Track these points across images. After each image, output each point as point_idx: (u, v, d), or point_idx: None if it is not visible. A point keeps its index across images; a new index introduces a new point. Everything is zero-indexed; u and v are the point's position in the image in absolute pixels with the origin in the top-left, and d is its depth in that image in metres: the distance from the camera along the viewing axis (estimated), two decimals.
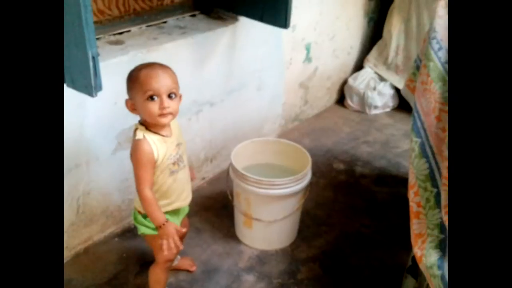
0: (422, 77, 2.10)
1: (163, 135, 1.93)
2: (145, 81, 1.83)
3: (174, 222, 2.01)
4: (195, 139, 2.97)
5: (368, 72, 4.18)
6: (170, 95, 1.86)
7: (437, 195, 1.75)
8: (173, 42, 2.63)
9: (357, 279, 2.51)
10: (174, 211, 2.09)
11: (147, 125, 1.92)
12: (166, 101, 1.84)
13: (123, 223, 2.78)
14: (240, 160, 2.63)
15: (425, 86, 2.04)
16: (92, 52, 1.76)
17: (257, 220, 2.56)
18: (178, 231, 1.96)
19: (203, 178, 3.21)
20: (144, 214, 2.03)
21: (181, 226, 2.11)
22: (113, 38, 2.59)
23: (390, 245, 2.72)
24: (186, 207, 2.19)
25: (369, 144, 3.73)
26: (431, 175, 1.82)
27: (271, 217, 2.54)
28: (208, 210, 2.95)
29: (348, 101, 4.21)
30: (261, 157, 2.80)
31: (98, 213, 2.62)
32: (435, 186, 1.78)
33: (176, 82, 1.90)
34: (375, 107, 4.13)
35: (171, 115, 1.88)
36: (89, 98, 1.91)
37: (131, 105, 1.91)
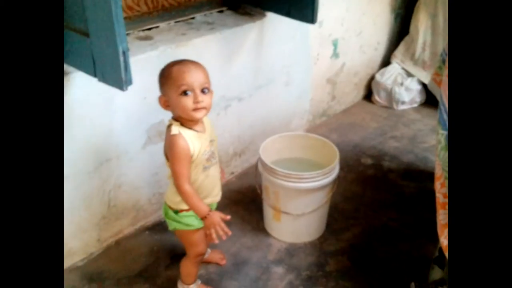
0: (448, 71, 2.10)
1: (197, 131, 1.94)
2: (178, 76, 1.84)
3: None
4: (223, 134, 3.00)
5: (395, 67, 4.17)
6: (203, 90, 1.87)
7: None
8: (202, 38, 2.65)
9: (384, 271, 2.52)
10: None
11: (181, 121, 1.93)
12: (200, 96, 1.85)
13: (153, 216, 2.82)
14: (268, 155, 2.64)
15: None
16: (123, 47, 1.78)
17: (285, 213, 2.58)
18: (222, 218, 1.97)
19: (232, 173, 3.24)
20: (176, 209, 2.05)
21: None
22: (142, 33, 2.63)
23: (417, 238, 2.72)
24: (214, 204, 2.20)
25: (397, 139, 3.73)
26: None
27: (300, 210, 2.56)
28: (237, 204, 2.98)
29: (376, 97, 4.21)
30: (289, 151, 2.82)
31: (129, 207, 2.66)
32: None
33: (208, 77, 1.91)
34: (403, 103, 4.12)
35: (205, 110, 1.89)
36: (118, 93, 1.95)
37: (164, 102, 1.92)
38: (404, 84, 4.07)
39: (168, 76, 1.87)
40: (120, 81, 1.85)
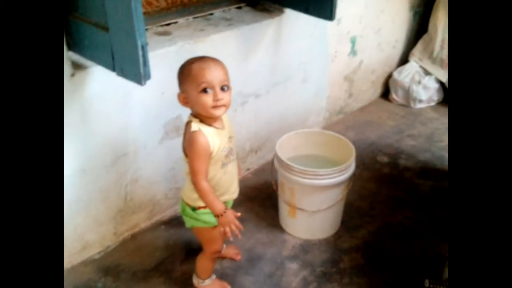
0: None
1: (216, 128, 1.94)
2: (198, 73, 1.84)
3: None
4: (240, 130, 3.00)
5: (413, 66, 4.16)
6: (223, 87, 1.87)
7: None
8: (220, 34, 2.66)
9: (398, 269, 2.51)
10: None
11: (201, 118, 1.93)
12: (220, 93, 1.85)
13: (170, 211, 2.83)
14: (285, 151, 2.65)
15: None
16: (142, 41, 1.79)
17: (301, 210, 2.59)
18: (235, 215, 1.99)
19: (248, 169, 3.25)
20: (193, 207, 2.06)
21: None
22: (160, 29, 2.64)
23: (432, 236, 2.72)
24: (231, 201, 2.21)
25: (413, 138, 3.71)
26: None
27: (315, 207, 2.56)
28: (253, 200, 2.99)
29: (393, 95, 4.20)
30: (305, 148, 2.82)
31: (145, 201, 2.68)
32: None
33: (227, 75, 1.91)
34: (420, 101, 4.10)
35: (224, 107, 1.89)
36: (136, 88, 1.96)
37: (184, 99, 1.92)
38: (421, 82, 4.06)
39: (188, 73, 1.87)
40: (139, 75, 1.85)
